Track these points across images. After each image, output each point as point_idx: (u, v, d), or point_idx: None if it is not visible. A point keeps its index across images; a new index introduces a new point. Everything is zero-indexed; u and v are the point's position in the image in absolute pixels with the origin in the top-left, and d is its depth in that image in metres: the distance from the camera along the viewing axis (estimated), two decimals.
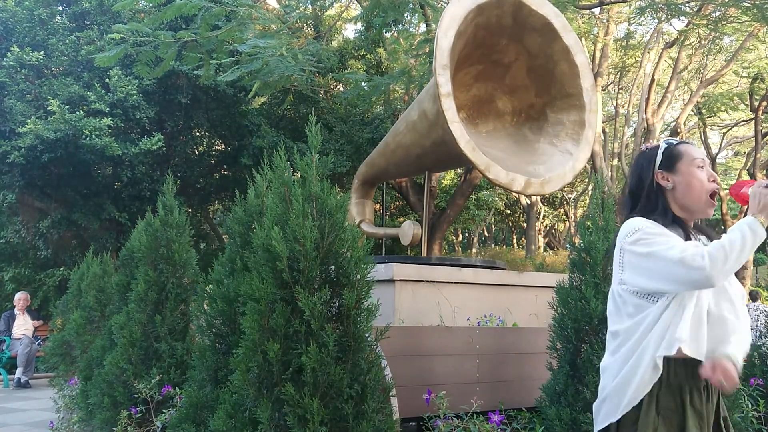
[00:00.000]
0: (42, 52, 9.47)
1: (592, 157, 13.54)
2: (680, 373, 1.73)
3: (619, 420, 1.76)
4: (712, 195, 1.85)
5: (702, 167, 1.86)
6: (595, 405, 1.87)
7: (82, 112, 9.18)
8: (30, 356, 8.77)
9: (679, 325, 1.69)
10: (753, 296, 12.00)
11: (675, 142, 1.92)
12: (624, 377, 1.76)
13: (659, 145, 1.92)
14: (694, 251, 1.65)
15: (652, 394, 1.73)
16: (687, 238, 1.81)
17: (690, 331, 1.69)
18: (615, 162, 19.03)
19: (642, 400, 1.73)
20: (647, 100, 15.73)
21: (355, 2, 12.83)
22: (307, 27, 13.23)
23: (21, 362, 8.70)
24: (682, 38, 13.95)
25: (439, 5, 9.03)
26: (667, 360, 1.71)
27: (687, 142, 1.93)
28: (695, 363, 1.71)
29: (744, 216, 1.75)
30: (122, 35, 6.27)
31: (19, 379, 8.66)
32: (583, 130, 4.80)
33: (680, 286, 1.69)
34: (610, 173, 16.25)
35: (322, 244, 2.69)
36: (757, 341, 3.96)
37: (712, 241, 1.75)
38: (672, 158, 1.87)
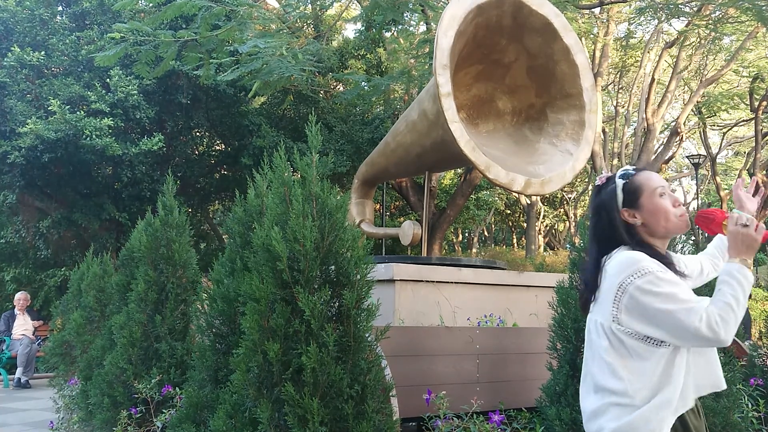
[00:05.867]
0: (42, 52, 9.47)
1: (592, 157, 13.53)
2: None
3: None
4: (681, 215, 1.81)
5: (663, 194, 1.80)
6: None
7: (82, 112, 9.18)
8: (30, 356, 8.78)
9: (702, 371, 1.71)
10: None
11: (631, 173, 1.85)
12: (636, 423, 1.66)
13: (614, 180, 1.85)
14: (709, 318, 1.61)
15: None
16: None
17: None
18: (615, 162, 19.02)
19: None
20: (647, 100, 15.72)
21: (355, 2, 12.83)
22: (307, 27, 13.21)
23: (21, 362, 8.70)
24: (682, 38, 13.94)
25: (439, 5, 9.03)
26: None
27: (643, 170, 1.85)
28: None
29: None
30: (122, 35, 6.28)
31: (19, 379, 8.66)
32: (583, 130, 4.80)
33: (688, 344, 1.67)
34: (610, 173, 16.23)
35: (322, 244, 2.69)
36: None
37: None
38: (633, 193, 1.81)
